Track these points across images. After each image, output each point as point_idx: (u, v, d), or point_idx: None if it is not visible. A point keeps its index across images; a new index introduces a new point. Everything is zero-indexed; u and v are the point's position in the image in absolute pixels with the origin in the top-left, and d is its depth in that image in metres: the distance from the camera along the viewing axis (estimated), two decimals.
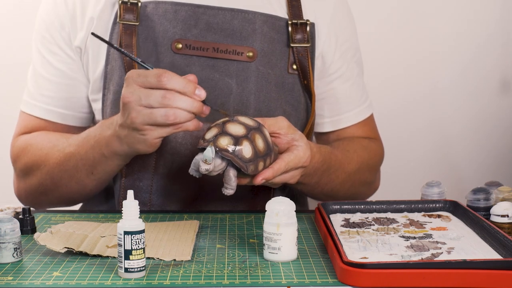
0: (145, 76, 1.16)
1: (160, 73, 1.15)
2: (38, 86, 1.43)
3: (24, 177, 1.40)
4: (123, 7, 1.36)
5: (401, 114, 2.11)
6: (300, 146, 1.22)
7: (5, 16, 2.03)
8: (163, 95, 1.14)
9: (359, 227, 1.18)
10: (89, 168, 1.31)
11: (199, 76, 1.36)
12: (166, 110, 1.14)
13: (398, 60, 2.08)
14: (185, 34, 1.37)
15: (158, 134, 1.18)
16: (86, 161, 1.30)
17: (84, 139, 1.31)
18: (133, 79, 1.17)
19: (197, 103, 1.16)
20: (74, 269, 1.03)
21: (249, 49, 1.38)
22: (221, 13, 1.38)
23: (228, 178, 1.14)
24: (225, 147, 1.12)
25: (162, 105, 1.15)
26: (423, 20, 2.07)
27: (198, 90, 1.16)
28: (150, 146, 1.21)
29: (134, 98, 1.16)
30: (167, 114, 1.15)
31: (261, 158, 1.15)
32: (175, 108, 1.15)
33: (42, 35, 1.42)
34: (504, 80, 2.10)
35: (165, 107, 1.15)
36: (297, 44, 1.42)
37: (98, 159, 1.29)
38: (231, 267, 1.04)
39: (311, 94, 1.42)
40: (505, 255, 1.03)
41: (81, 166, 1.31)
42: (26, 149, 1.39)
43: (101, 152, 1.27)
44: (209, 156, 1.11)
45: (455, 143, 2.13)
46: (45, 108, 1.42)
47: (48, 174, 1.35)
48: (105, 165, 1.30)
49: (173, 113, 1.15)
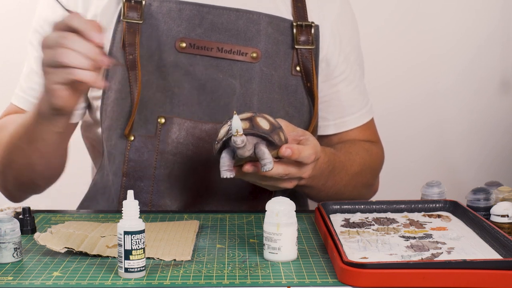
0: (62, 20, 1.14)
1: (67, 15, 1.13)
2: (29, 79, 1.43)
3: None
4: (127, 5, 1.36)
5: (402, 114, 2.11)
6: (309, 139, 1.21)
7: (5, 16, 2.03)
8: (61, 35, 1.12)
9: (359, 227, 1.18)
10: (28, 136, 1.28)
11: (203, 76, 1.36)
12: (57, 50, 1.11)
13: (399, 62, 2.09)
14: (189, 33, 1.37)
15: (53, 79, 1.14)
16: (25, 128, 1.28)
17: None
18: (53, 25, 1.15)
19: (93, 48, 1.11)
20: (74, 269, 1.03)
21: (253, 49, 1.38)
22: (226, 13, 1.38)
23: (261, 152, 1.13)
24: (244, 127, 1.12)
25: (58, 44, 1.11)
26: (423, 21, 2.07)
27: (98, 35, 1.12)
28: (52, 95, 1.16)
29: (44, 41, 1.15)
30: (57, 52, 1.11)
31: (278, 129, 1.16)
32: (69, 48, 1.11)
33: (37, 30, 1.42)
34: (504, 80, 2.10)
35: (60, 47, 1.11)
36: (301, 46, 1.42)
37: (32, 123, 1.26)
38: (231, 267, 1.04)
39: (314, 97, 1.42)
40: (505, 255, 1.03)
41: (22, 134, 1.29)
42: None
43: (34, 116, 1.25)
44: (238, 124, 1.10)
45: (456, 143, 2.13)
46: (32, 102, 1.42)
47: (5, 150, 1.35)
48: (38, 130, 1.26)
49: (61, 53, 1.11)
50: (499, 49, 2.09)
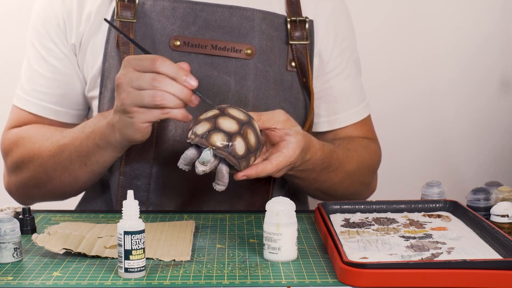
0: (140, 60, 1.17)
1: (154, 57, 1.16)
2: (32, 81, 1.43)
3: (16, 170, 1.40)
4: (120, 4, 1.36)
5: (401, 114, 2.11)
6: (290, 143, 1.21)
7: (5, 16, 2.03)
8: (153, 78, 1.15)
9: (359, 227, 1.18)
10: (83, 159, 1.30)
11: (198, 74, 1.36)
12: (154, 92, 1.15)
13: (398, 61, 2.08)
14: (183, 31, 1.37)
15: (145, 118, 1.17)
16: (80, 152, 1.30)
17: (79, 130, 1.31)
18: (129, 62, 1.18)
19: (186, 90, 1.16)
20: (74, 269, 1.03)
21: (248, 46, 1.39)
22: (220, 10, 1.38)
23: (221, 175, 1.14)
24: (219, 144, 1.12)
25: (151, 87, 1.15)
26: (422, 20, 2.07)
27: (189, 78, 1.16)
28: (138, 131, 1.20)
29: (126, 80, 1.17)
30: (154, 95, 1.15)
31: (252, 154, 1.15)
32: (164, 91, 1.15)
33: (37, 30, 1.42)
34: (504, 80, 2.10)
35: (154, 89, 1.15)
36: (296, 41, 1.42)
37: (92, 149, 1.28)
38: (231, 267, 1.04)
39: (310, 92, 1.42)
40: (505, 255, 1.03)
41: (74, 157, 1.31)
42: (18, 142, 1.39)
43: (95, 142, 1.27)
44: (207, 159, 1.11)
45: (455, 143, 2.13)
46: (39, 104, 1.42)
47: (42, 166, 1.35)
48: (98, 156, 1.29)
49: (160, 95, 1.15)
50: (498, 49, 2.08)
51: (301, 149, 1.22)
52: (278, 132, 1.21)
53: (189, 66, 1.18)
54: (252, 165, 1.17)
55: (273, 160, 1.19)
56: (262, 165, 1.18)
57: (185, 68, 1.17)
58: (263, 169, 1.18)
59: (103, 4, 1.38)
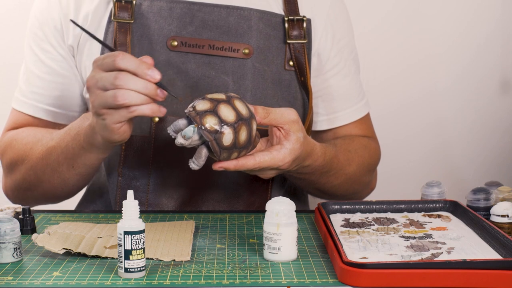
0: (103, 58, 1.13)
1: (115, 54, 1.12)
2: (29, 83, 1.42)
3: (10, 172, 1.39)
4: (117, 5, 1.36)
5: (401, 114, 2.11)
6: (284, 149, 1.18)
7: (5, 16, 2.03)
8: (115, 76, 1.11)
9: (359, 227, 1.18)
10: (70, 161, 1.29)
11: (196, 74, 1.36)
12: (115, 91, 1.11)
13: (398, 60, 2.08)
14: (181, 31, 1.37)
15: (115, 119, 1.13)
16: (66, 154, 1.28)
17: (65, 132, 1.30)
18: (96, 62, 1.15)
19: (150, 85, 1.12)
20: (74, 269, 1.03)
21: (245, 46, 1.39)
22: (217, 10, 1.38)
23: (199, 155, 1.13)
24: (209, 127, 1.11)
25: (113, 86, 1.11)
26: (422, 20, 2.07)
27: (152, 71, 1.12)
28: (113, 133, 1.16)
29: (93, 81, 1.14)
30: (115, 95, 1.11)
31: (237, 149, 1.14)
32: (126, 89, 1.11)
33: (34, 32, 1.42)
34: (504, 80, 2.10)
35: (116, 88, 1.11)
36: (293, 40, 1.42)
37: (77, 151, 1.27)
38: (231, 267, 1.04)
39: (308, 91, 1.42)
40: (505, 255, 1.03)
41: (62, 159, 1.29)
42: (12, 144, 1.39)
43: (80, 144, 1.25)
44: (189, 135, 1.11)
45: (455, 143, 2.13)
46: (35, 106, 1.42)
47: (32, 169, 1.34)
48: (84, 158, 1.27)
49: (121, 94, 1.10)
50: (499, 48, 2.08)
51: (293, 157, 1.19)
52: (280, 132, 1.19)
53: (151, 59, 1.14)
54: (233, 159, 1.15)
55: (256, 157, 1.16)
56: (243, 159, 1.15)
57: (148, 62, 1.13)
58: (244, 163, 1.15)
59: (100, 5, 1.38)
